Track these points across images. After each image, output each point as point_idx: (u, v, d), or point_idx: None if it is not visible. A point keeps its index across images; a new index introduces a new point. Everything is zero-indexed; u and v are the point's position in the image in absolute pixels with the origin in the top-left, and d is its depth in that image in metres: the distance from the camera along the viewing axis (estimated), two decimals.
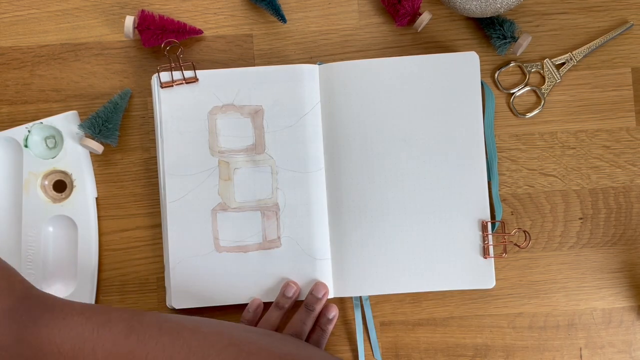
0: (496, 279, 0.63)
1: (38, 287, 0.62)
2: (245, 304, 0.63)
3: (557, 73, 0.65)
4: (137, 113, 0.66)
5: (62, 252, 0.64)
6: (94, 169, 0.65)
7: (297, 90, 0.63)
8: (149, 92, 0.65)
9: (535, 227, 0.65)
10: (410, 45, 0.66)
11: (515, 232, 0.65)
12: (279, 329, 0.62)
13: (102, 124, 0.63)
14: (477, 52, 0.63)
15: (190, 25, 0.65)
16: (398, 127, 0.63)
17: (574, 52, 0.65)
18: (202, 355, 0.48)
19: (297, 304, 0.63)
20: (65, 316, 0.49)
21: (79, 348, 0.48)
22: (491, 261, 0.63)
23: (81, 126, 0.63)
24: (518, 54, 0.65)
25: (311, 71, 0.63)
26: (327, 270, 0.63)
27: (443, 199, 0.63)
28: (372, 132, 0.63)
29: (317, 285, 0.62)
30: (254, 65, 0.66)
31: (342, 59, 0.66)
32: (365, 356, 0.65)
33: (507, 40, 0.64)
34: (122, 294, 0.65)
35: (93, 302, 0.64)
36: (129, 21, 0.63)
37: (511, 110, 0.66)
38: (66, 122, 0.64)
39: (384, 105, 0.63)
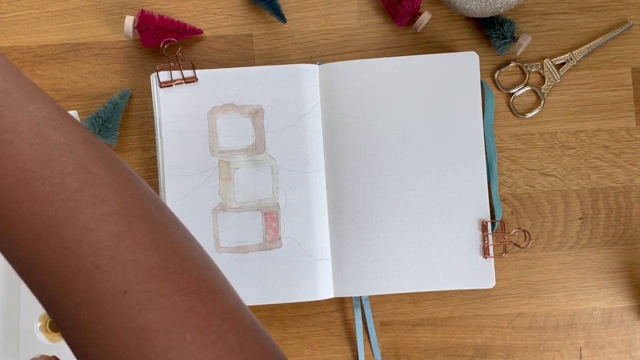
0: (496, 279, 0.63)
1: None
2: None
3: (557, 73, 0.65)
4: (137, 113, 0.66)
5: None
6: None
7: (297, 90, 0.63)
8: (148, 92, 0.65)
9: (535, 227, 0.65)
10: (410, 45, 0.66)
11: (515, 232, 0.65)
12: None
13: (102, 124, 0.63)
14: (477, 52, 0.63)
15: (190, 25, 0.65)
16: (398, 126, 0.63)
17: (573, 52, 0.66)
18: None
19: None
20: None
21: None
22: (491, 261, 0.63)
23: None
24: (518, 54, 0.65)
25: (311, 71, 0.63)
26: (327, 271, 0.63)
27: (443, 198, 0.63)
28: (372, 132, 0.63)
29: None
30: (254, 65, 0.66)
31: (342, 59, 0.66)
32: (365, 356, 0.65)
33: (507, 40, 0.64)
34: None
35: None
36: (129, 21, 0.63)
37: (511, 110, 0.66)
38: None
39: (384, 105, 0.63)
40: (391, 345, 0.65)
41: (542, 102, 0.66)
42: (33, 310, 0.63)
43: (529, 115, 0.66)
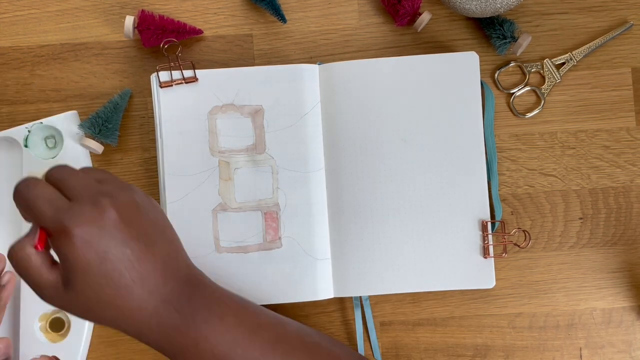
0: (496, 279, 0.63)
1: None
2: None
3: (557, 73, 0.65)
4: (137, 113, 0.66)
5: None
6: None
7: (297, 90, 0.63)
8: (149, 92, 0.65)
9: (535, 227, 0.65)
10: (410, 45, 0.66)
11: (515, 232, 0.65)
12: None
13: (102, 124, 0.63)
14: (477, 52, 0.63)
15: (190, 25, 0.65)
16: (398, 127, 0.63)
17: (574, 52, 0.66)
18: None
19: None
20: (222, 317, 0.48)
21: (231, 353, 0.47)
22: (491, 261, 0.63)
23: (81, 126, 0.63)
24: (518, 54, 0.65)
25: (311, 71, 0.63)
26: (327, 271, 0.63)
27: (443, 198, 0.63)
28: (372, 132, 0.63)
29: None
30: (254, 65, 0.66)
31: (342, 59, 0.66)
32: (365, 356, 0.65)
33: (507, 40, 0.64)
34: None
35: None
36: (129, 21, 0.63)
37: (511, 110, 0.66)
38: (66, 122, 0.64)
39: (384, 105, 0.63)
40: (391, 345, 0.65)
41: (542, 102, 0.66)
42: (33, 310, 0.63)
43: (529, 115, 0.66)
